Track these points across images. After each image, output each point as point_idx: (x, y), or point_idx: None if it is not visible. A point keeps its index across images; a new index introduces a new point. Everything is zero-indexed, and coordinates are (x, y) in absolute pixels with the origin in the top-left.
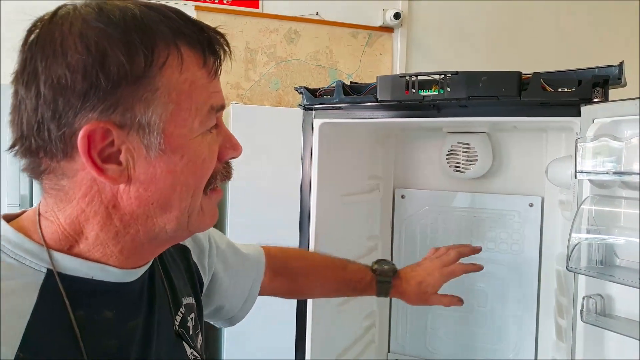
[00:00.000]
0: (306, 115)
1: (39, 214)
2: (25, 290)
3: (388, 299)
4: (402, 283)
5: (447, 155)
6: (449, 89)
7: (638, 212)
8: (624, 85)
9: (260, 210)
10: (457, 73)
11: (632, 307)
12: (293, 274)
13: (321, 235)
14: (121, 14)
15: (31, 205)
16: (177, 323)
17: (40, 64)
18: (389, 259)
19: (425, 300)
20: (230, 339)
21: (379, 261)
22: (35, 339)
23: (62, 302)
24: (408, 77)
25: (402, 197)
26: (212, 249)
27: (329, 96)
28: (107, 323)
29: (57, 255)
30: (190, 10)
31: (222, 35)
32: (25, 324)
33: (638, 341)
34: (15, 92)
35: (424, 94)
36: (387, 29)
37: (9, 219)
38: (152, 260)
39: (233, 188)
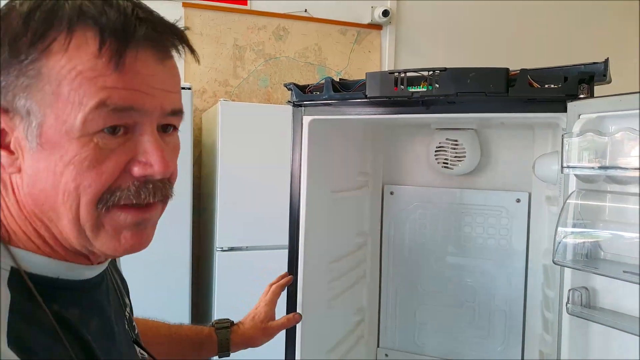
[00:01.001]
0: (295, 111)
1: None
2: None
3: (377, 297)
4: (240, 326)
5: (436, 151)
6: (437, 86)
7: (623, 205)
8: (609, 82)
9: (249, 207)
10: (445, 69)
11: (617, 300)
12: None
13: (311, 231)
14: None
15: None
16: (127, 321)
17: None
18: (378, 254)
19: (266, 330)
20: None
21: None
22: (19, 335)
23: (33, 299)
24: (397, 74)
25: (391, 193)
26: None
27: (318, 93)
28: (76, 320)
29: (19, 252)
30: (177, 7)
31: (130, 7)
32: (7, 320)
33: (622, 332)
34: None
35: (413, 90)
36: (376, 27)
37: None
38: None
39: (222, 185)
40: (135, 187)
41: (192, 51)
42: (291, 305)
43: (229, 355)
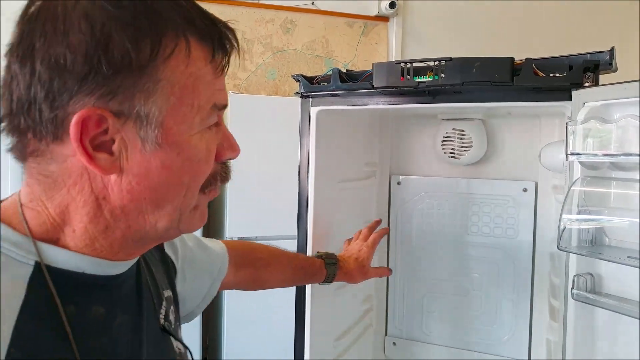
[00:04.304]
0: (303, 102)
1: (21, 204)
2: (13, 285)
3: (385, 286)
4: (344, 264)
5: (443, 141)
6: (443, 75)
7: (627, 192)
8: (615, 71)
9: (259, 198)
10: (451, 59)
11: (622, 285)
12: (256, 264)
13: (319, 221)
14: None
15: None
16: (162, 316)
17: (38, 40)
18: (386, 244)
19: (365, 273)
20: (231, 323)
21: (319, 253)
22: (25, 336)
23: (51, 297)
24: (403, 64)
25: (398, 183)
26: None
27: (325, 84)
28: (98, 320)
29: (45, 247)
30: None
31: (232, 31)
32: (15, 320)
33: (627, 317)
34: (8, 67)
35: (419, 80)
36: (383, 18)
37: None
38: None
39: (232, 176)
40: (223, 170)
41: (238, 52)
42: (299, 293)
43: (330, 283)
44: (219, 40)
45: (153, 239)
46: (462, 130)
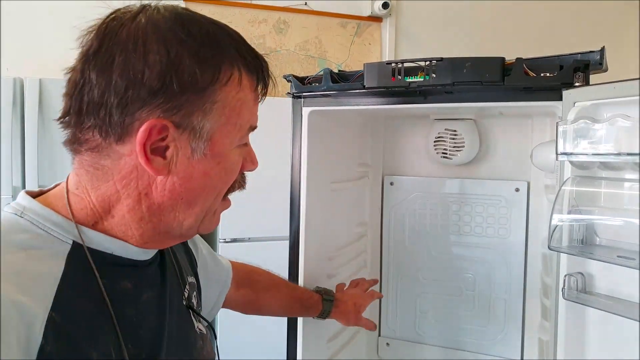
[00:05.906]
0: (295, 103)
1: (67, 190)
2: (53, 258)
3: (378, 286)
4: (341, 303)
5: (435, 142)
6: (434, 75)
7: (617, 191)
8: (605, 70)
9: (251, 198)
10: (442, 59)
11: (612, 285)
12: (256, 286)
13: (311, 222)
14: (198, 29)
15: None
16: (185, 297)
17: (118, 56)
18: (379, 245)
19: (357, 319)
20: (224, 324)
21: (317, 288)
22: (65, 301)
23: (88, 271)
24: (394, 64)
25: (391, 184)
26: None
27: (317, 84)
28: (127, 293)
29: (83, 229)
30: (179, 2)
31: (267, 63)
32: (56, 287)
33: (617, 317)
34: (82, 71)
35: (410, 80)
36: (376, 19)
37: (34, 195)
38: None
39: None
40: (241, 179)
41: (275, 84)
42: None
43: (324, 319)
44: (262, 73)
45: (175, 236)
46: (454, 131)
